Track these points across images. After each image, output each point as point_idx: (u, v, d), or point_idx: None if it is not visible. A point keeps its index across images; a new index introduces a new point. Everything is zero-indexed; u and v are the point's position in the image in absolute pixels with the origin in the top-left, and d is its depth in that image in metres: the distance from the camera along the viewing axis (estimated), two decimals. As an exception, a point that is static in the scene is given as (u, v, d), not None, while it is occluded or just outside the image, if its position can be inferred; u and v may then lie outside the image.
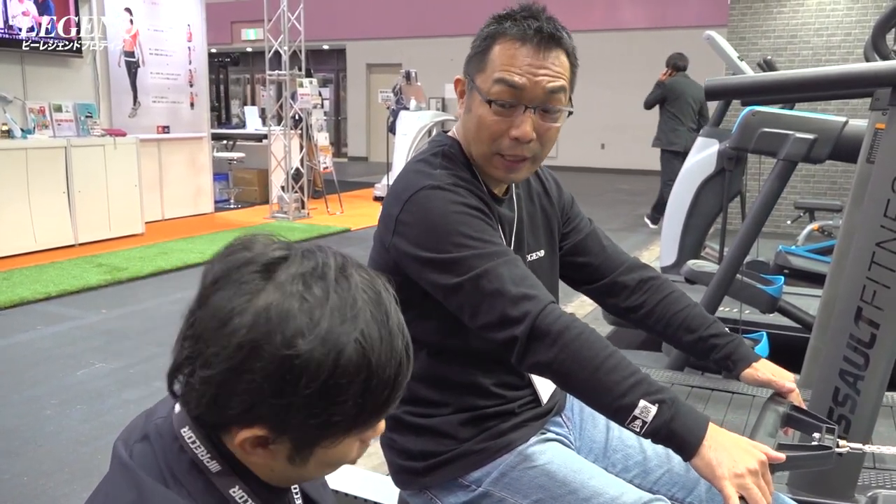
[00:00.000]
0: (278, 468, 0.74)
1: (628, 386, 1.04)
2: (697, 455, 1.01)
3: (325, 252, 0.74)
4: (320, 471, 0.76)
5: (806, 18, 7.64)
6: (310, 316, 0.67)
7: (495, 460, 1.24)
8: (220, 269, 0.71)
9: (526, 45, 1.17)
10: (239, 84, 18.26)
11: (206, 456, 0.72)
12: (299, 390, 0.66)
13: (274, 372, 0.66)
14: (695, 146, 4.80)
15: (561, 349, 1.07)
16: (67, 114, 6.75)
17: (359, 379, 0.68)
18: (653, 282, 1.39)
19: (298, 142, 8.95)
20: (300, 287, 0.68)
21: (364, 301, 0.70)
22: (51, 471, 2.73)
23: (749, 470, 0.98)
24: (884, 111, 1.85)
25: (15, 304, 4.81)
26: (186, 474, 0.72)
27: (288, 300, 0.67)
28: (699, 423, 1.03)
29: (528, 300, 1.10)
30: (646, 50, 9.00)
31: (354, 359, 0.68)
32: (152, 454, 0.73)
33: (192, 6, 8.36)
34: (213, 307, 0.69)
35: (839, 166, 6.91)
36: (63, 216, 6.48)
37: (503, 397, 1.28)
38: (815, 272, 4.59)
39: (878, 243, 1.71)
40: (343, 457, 0.75)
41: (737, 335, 1.33)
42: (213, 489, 0.72)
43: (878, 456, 2.16)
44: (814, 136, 2.59)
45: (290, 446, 0.71)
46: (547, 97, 1.18)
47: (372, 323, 0.70)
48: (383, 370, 0.70)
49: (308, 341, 0.66)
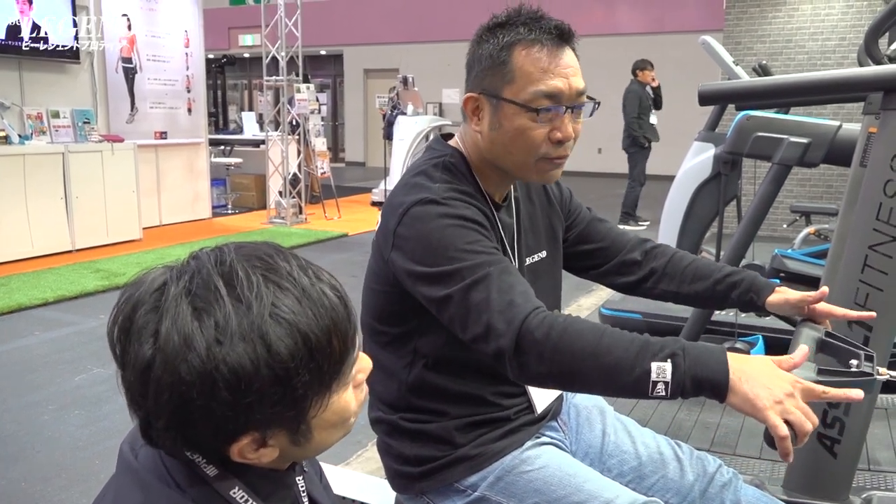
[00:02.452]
0: (288, 454, 0.75)
1: (633, 356, 1.00)
2: (732, 392, 0.97)
3: (200, 257, 0.71)
4: (331, 434, 0.76)
5: (801, 23, 7.67)
6: (213, 322, 0.66)
7: (491, 465, 1.24)
8: (121, 323, 0.69)
9: (547, 47, 1.17)
10: (236, 90, 18.28)
11: (203, 461, 0.73)
12: (250, 390, 0.65)
13: (213, 390, 0.65)
14: (691, 150, 4.81)
15: (553, 352, 1.03)
16: (65, 120, 6.76)
17: (300, 350, 0.67)
18: (656, 249, 1.42)
19: (296, 147, 8.96)
20: (187, 302, 0.67)
21: (260, 279, 0.68)
22: (49, 476, 2.73)
23: (787, 395, 0.95)
24: (876, 115, 1.86)
25: (13, 309, 4.81)
26: (186, 479, 0.72)
27: (182, 321, 0.66)
28: (719, 359, 0.99)
29: (512, 308, 1.07)
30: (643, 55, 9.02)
31: (282, 334, 0.66)
32: (157, 458, 0.74)
33: (190, 12, 8.38)
34: (131, 366, 0.68)
35: (835, 170, 6.93)
36: (60, 222, 6.48)
37: (499, 405, 1.28)
38: (811, 275, 4.59)
39: (871, 246, 1.72)
40: (344, 411, 0.75)
41: (750, 270, 1.33)
42: (215, 493, 0.73)
43: (873, 458, 2.17)
44: (808, 141, 2.61)
45: (284, 432, 0.71)
46: (579, 97, 1.20)
47: (280, 293, 0.68)
48: (319, 329, 0.69)
49: (225, 346, 0.65)
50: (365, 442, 2.93)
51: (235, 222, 8.63)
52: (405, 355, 1.26)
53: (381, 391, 1.30)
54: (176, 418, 0.66)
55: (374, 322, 1.28)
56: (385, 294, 1.24)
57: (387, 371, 1.28)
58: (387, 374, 1.28)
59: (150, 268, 0.73)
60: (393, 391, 1.28)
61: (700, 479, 1.32)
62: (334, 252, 6.88)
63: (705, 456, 1.37)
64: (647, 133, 8.14)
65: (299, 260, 0.73)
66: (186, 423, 0.67)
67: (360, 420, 3.08)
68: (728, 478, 1.32)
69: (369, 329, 1.30)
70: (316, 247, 7.29)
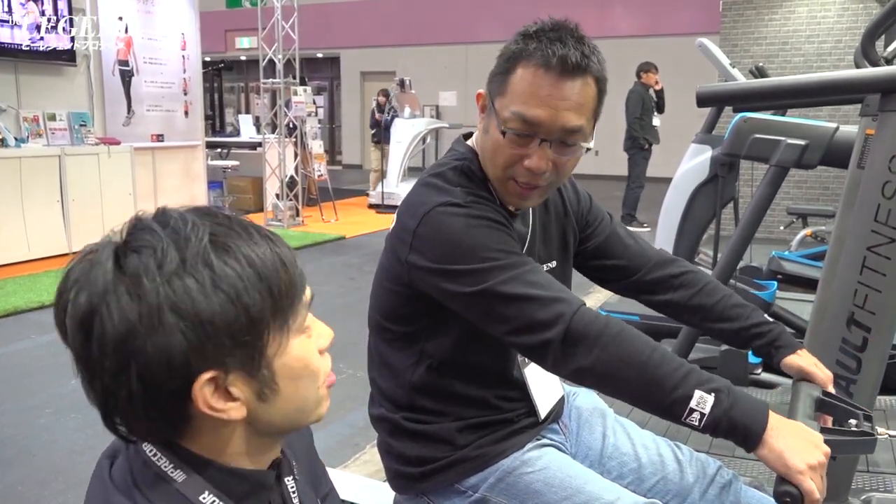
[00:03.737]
0: (259, 416, 0.72)
1: (680, 377, 1.01)
2: (763, 445, 0.98)
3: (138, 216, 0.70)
4: (298, 387, 0.73)
5: (797, 26, 7.70)
6: (152, 255, 0.64)
7: (492, 466, 1.24)
8: (58, 295, 0.68)
9: (549, 72, 1.11)
10: (233, 92, 18.27)
11: (170, 467, 0.71)
12: (200, 315, 0.64)
13: (159, 321, 0.63)
14: (688, 153, 4.82)
15: (602, 349, 1.04)
16: (61, 122, 6.75)
17: (246, 271, 0.66)
18: (684, 276, 1.38)
19: (293, 150, 8.96)
20: (120, 247, 0.66)
21: (195, 217, 0.68)
22: (45, 480, 2.72)
23: (819, 464, 0.97)
24: (873, 117, 1.86)
25: (9, 313, 4.80)
26: (153, 488, 0.70)
27: (114, 263, 0.64)
28: (760, 410, 1.00)
29: (559, 302, 1.08)
30: (638, 57, 9.04)
31: (226, 257, 0.66)
32: (127, 470, 0.72)
33: (187, 15, 8.37)
34: (72, 328, 0.67)
35: (831, 172, 6.95)
36: (57, 225, 6.46)
37: (502, 408, 1.28)
38: (808, 277, 4.61)
39: (870, 248, 1.72)
40: (306, 358, 0.73)
41: (778, 323, 1.32)
42: (183, 499, 0.70)
43: (872, 459, 2.17)
44: (805, 142, 2.61)
45: (245, 377, 0.69)
46: (564, 134, 1.13)
47: (217, 226, 0.68)
48: (263, 254, 0.68)
49: (165, 275, 0.64)
50: (363, 444, 2.92)
51: (232, 225, 8.60)
52: (411, 355, 1.26)
53: (385, 388, 1.30)
54: (124, 362, 0.64)
55: (382, 319, 1.28)
56: (396, 294, 1.23)
57: (392, 368, 1.28)
58: (392, 371, 1.28)
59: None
60: (397, 389, 1.28)
61: (700, 481, 1.32)
62: (332, 255, 6.86)
63: (705, 458, 1.37)
64: (648, 135, 8.15)
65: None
66: (137, 365, 0.64)
67: (358, 422, 3.08)
68: (728, 479, 1.32)
69: (376, 325, 1.30)
70: (313, 249, 7.28)
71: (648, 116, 8.15)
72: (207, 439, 0.71)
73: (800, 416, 1.09)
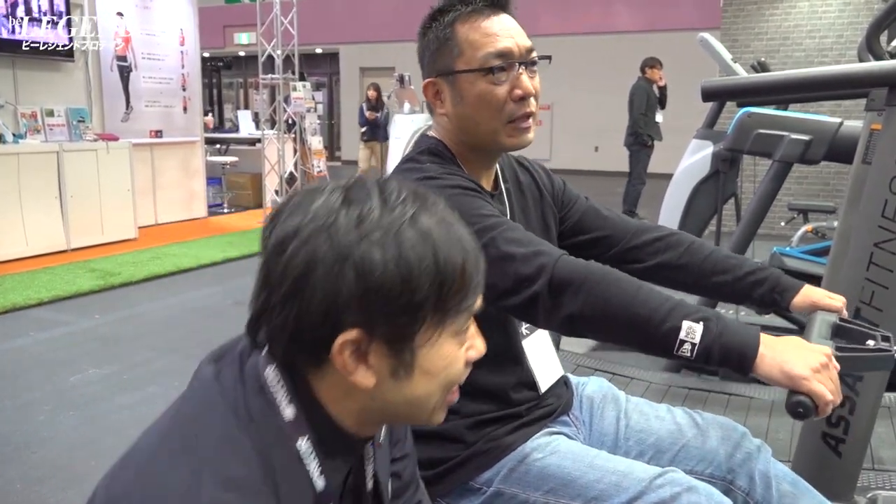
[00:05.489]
0: (383, 393, 0.73)
1: (666, 311, 1.01)
2: (760, 363, 0.97)
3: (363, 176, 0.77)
4: (428, 384, 0.75)
5: (798, 20, 7.67)
6: (359, 211, 0.70)
7: (503, 459, 1.23)
8: (276, 210, 0.74)
9: (484, 14, 1.22)
10: (232, 88, 18.22)
11: (284, 399, 0.72)
12: (372, 279, 0.68)
13: (341, 269, 0.68)
14: (689, 148, 4.80)
15: (588, 293, 1.04)
16: (59, 118, 6.72)
17: (428, 260, 0.70)
18: (668, 238, 1.36)
19: (292, 146, 8.93)
20: (340, 192, 0.72)
21: (410, 195, 0.73)
22: (44, 477, 2.70)
23: (822, 365, 0.95)
24: (879, 112, 1.84)
25: (7, 309, 4.78)
26: (261, 417, 0.71)
27: (332, 204, 0.70)
28: (751, 333, 1.00)
29: (539, 255, 1.09)
30: (639, 53, 9.03)
31: (416, 241, 0.70)
32: (239, 382, 0.73)
33: (185, 10, 8.34)
34: (273, 240, 0.71)
35: (832, 168, 6.93)
36: (55, 221, 6.44)
37: (511, 401, 1.27)
38: (810, 273, 4.59)
39: (877, 244, 1.70)
40: (448, 361, 0.75)
41: (773, 268, 1.29)
42: (284, 439, 0.72)
43: (878, 457, 2.16)
44: (809, 138, 2.60)
45: (387, 351, 0.71)
46: (528, 53, 1.23)
47: (424, 211, 0.72)
48: (450, 250, 0.72)
49: (362, 232, 0.68)
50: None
51: (231, 221, 8.59)
52: None
53: None
54: (296, 291, 0.68)
55: None
56: None
57: None
58: None
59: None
60: None
61: (724, 444, 1.27)
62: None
63: (728, 421, 1.32)
64: (651, 131, 8.13)
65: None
66: (304, 298, 0.68)
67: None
68: (756, 445, 1.27)
69: None
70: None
71: (652, 112, 8.13)
72: (329, 388, 0.73)
73: (814, 338, 1.07)
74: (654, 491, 1.11)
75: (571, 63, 12.72)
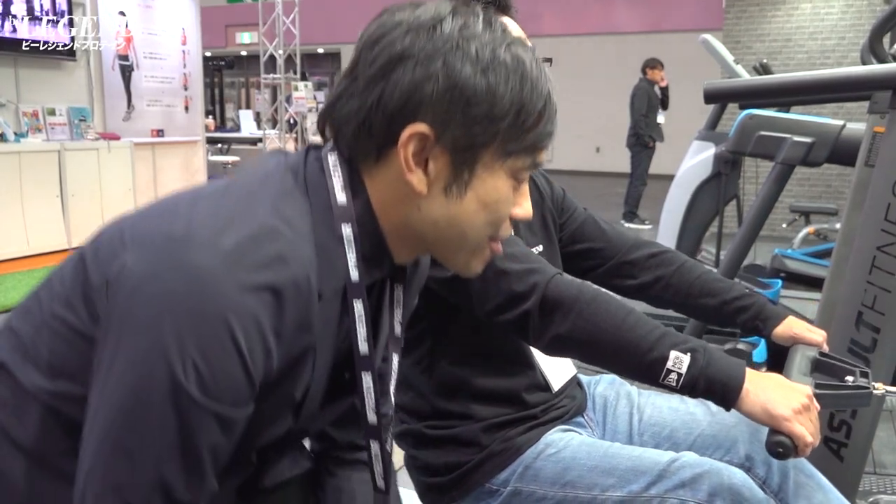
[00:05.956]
0: (430, 206, 0.75)
1: (655, 339, 1.01)
2: (744, 399, 0.98)
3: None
4: (475, 215, 0.76)
5: (800, 22, 7.66)
6: (462, 21, 0.72)
7: (518, 458, 1.22)
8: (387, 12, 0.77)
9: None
10: (234, 88, 18.23)
11: (339, 184, 0.74)
12: (458, 80, 0.70)
13: (430, 62, 0.70)
14: (690, 150, 4.80)
15: (577, 315, 1.04)
16: (61, 117, 6.72)
17: (515, 80, 0.72)
18: (662, 255, 1.37)
19: (293, 145, 8.94)
20: (447, 5, 0.74)
21: (509, 33, 0.75)
22: (43, 478, 2.69)
23: (804, 406, 0.96)
24: (882, 114, 1.84)
25: (7, 309, 4.78)
26: (316, 189, 0.73)
27: (438, 11, 0.73)
28: (736, 367, 1.00)
29: (533, 273, 1.08)
30: (641, 54, 9.03)
31: (509, 61, 0.72)
32: (300, 163, 0.76)
33: (187, 10, 8.34)
34: (371, 33, 0.74)
35: (834, 170, 6.92)
36: (57, 220, 6.44)
37: (525, 403, 1.26)
38: (812, 275, 4.59)
39: (879, 247, 1.69)
40: (499, 198, 0.76)
41: (760, 294, 1.30)
42: (331, 218, 0.73)
43: (879, 461, 2.15)
44: (811, 140, 2.59)
45: (448, 161, 0.73)
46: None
47: (520, 46, 0.74)
48: (537, 85, 0.73)
49: (463, 37, 0.71)
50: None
51: (232, 221, 8.59)
52: (421, 359, 1.24)
53: (404, 402, 1.28)
54: (384, 74, 0.71)
55: None
56: None
57: (406, 380, 1.26)
58: (407, 383, 1.26)
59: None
60: (416, 399, 1.27)
61: (740, 431, 1.25)
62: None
63: None
64: (652, 132, 8.12)
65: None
66: (389, 82, 0.70)
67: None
68: None
69: None
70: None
71: (653, 113, 8.12)
72: (382, 188, 0.75)
73: (794, 375, 1.08)
74: (674, 474, 1.10)
75: (573, 64, 12.72)
